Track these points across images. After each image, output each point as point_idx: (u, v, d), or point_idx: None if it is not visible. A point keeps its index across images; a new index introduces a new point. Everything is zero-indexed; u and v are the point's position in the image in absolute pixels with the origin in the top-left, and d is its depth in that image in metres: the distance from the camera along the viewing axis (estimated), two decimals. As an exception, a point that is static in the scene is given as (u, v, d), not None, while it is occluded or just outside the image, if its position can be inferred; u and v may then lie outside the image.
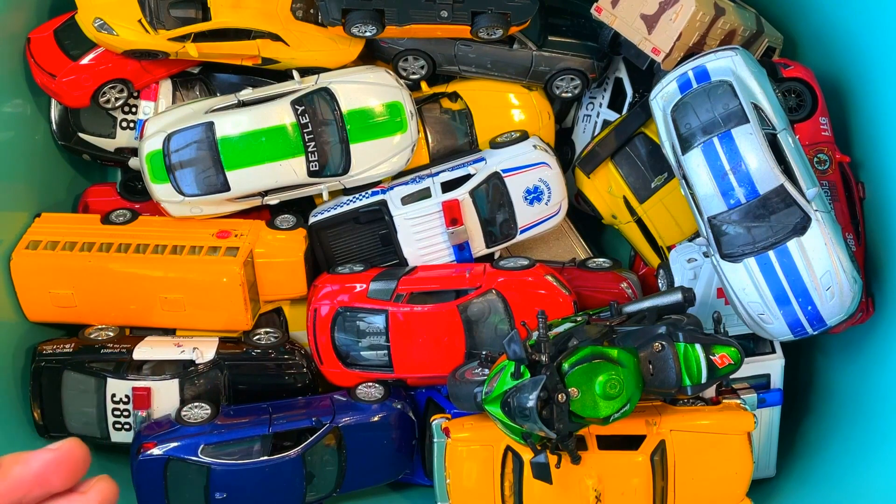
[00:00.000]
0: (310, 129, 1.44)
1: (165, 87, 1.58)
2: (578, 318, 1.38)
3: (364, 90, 1.49)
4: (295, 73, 1.49)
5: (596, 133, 1.66)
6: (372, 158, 1.51)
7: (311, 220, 1.56)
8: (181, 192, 1.49)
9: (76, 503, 0.66)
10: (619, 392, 1.21)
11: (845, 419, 1.48)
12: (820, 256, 1.29)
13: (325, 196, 1.53)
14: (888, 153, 1.39)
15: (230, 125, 1.44)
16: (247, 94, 1.49)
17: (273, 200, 1.54)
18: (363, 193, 1.55)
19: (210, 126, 1.42)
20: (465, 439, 1.36)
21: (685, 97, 1.37)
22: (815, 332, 1.34)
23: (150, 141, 1.48)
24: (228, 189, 1.45)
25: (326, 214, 1.55)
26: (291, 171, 1.46)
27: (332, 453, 1.45)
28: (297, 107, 1.45)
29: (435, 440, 1.39)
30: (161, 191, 1.50)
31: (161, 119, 1.50)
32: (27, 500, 0.65)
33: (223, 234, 1.49)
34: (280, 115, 1.45)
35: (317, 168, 1.46)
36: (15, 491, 0.66)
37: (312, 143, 1.45)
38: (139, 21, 1.44)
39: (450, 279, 1.47)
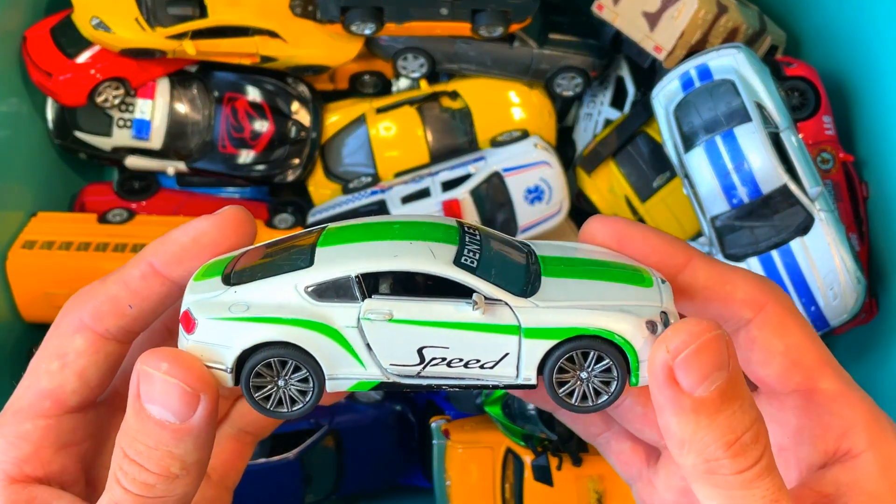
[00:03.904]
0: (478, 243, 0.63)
1: (163, 86, 1.57)
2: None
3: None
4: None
5: (597, 132, 1.65)
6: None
7: (310, 219, 1.54)
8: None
9: None
10: (620, 393, 1.20)
11: (849, 420, 1.47)
12: (823, 256, 1.28)
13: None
14: (892, 152, 1.37)
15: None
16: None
17: None
18: (362, 193, 1.54)
19: None
20: (465, 441, 1.35)
21: (687, 96, 1.36)
22: (819, 333, 1.33)
23: None
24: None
25: (325, 214, 1.54)
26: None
27: (330, 455, 1.44)
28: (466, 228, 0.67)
29: (434, 442, 1.38)
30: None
31: None
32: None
33: (221, 234, 1.48)
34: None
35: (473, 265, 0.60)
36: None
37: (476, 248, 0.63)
38: (136, 19, 1.43)
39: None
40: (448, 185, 1.53)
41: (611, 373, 0.47)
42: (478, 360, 0.48)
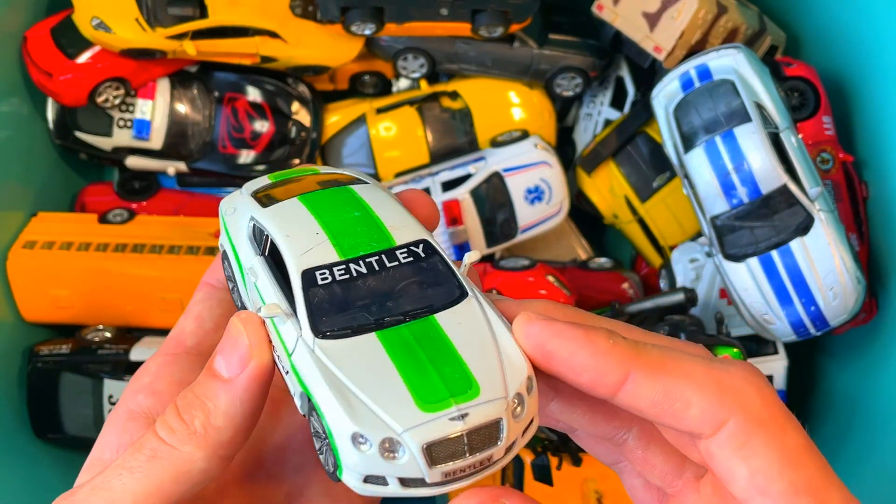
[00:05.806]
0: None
1: (163, 86, 1.57)
2: (579, 319, 1.37)
3: (486, 346, 0.52)
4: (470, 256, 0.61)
5: (597, 132, 1.65)
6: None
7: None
8: None
9: None
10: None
11: (848, 420, 1.47)
12: (823, 256, 1.28)
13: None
14: (892, 152, 1.37)
15: None
16: None
17: None
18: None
19: None
20: (465, 441, 1.35)
21: (687, 96, 1.36)
22: (819, 333, 1.33)
23: None
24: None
25: (325, 214, 1.53)
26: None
27: (330, 455, 1.44)
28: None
29: (435, 442, 1.38)
30: None
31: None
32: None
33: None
34: None
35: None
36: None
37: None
38: (136, 20, 1.43)
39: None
40: (448, 186, 1.53)
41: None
42: (279, 357, 0.49)
